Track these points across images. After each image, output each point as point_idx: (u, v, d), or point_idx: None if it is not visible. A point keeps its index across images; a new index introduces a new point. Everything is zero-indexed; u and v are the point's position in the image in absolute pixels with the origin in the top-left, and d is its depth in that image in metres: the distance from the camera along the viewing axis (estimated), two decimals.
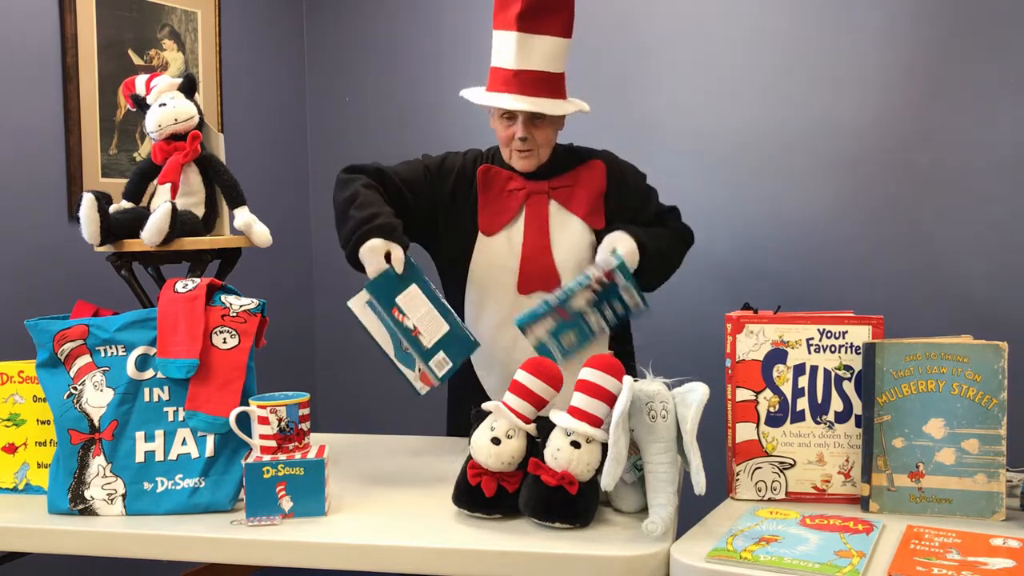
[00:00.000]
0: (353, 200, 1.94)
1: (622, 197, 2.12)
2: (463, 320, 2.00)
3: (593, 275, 1.93)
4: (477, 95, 2.07)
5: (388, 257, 1.85)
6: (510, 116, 2.03)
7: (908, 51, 2.74)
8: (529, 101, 1.99)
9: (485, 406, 1.62)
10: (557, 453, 1.53)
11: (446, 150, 2.21)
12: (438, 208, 2.13)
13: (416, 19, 3.44)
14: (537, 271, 2.04)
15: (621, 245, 1.97)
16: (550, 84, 2.03)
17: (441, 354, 1.87)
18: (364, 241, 1.85)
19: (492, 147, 2.18)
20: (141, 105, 2.07)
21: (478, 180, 2.11)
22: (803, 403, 1.69)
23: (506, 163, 2.12)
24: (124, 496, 1.66)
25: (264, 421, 1.64)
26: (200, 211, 2.07)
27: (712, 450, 1.73)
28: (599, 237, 2.07)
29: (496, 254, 2.09)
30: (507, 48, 2.01)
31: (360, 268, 1.88)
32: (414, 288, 1.86)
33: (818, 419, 1.68)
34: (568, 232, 2.08)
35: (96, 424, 1.68)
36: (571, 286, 1.94)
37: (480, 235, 2.10)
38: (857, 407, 1.67)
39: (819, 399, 1.68)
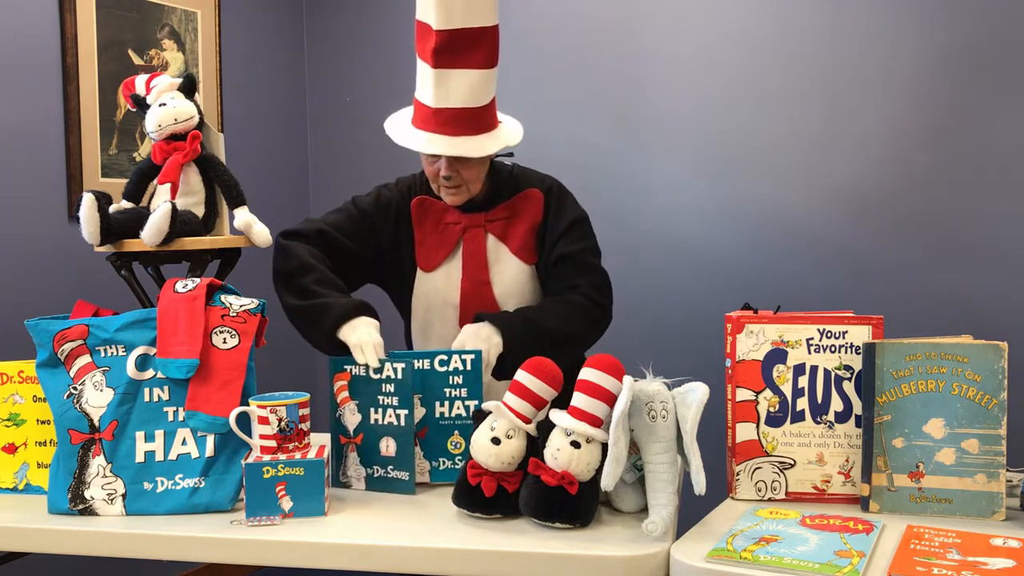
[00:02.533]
0: (307, 271, 1.90)
1: (549, 232, 2.02)
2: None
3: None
4: (399, 130, 1.96)
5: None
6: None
7: (909, 51, 2.74)
8: (447, 142, 1.86)
9: (485, 406, 1.62)
10: (557, 453, 1.53)
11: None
12: (383, 247, 2.07)
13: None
14: (477, 307, 1.98)
15: (469, 341, 1.82)
16: (473, 120, 1.87)
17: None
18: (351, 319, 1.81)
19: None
20: (141, 105, 2.07)
21: (412, 214, 2.05)
22: (803, 403, 1.69)
23: None
24: (124, 496, 1.66)
25: (264, 421, 1.64)
26: (200, 211, 2.06)
27: (712, 450, 1.73)
28: (538, 271, 2.04)
29: (436, 289, 2.05)
30: (426, 83, 1.86)
31: (332, 350, 1.82)
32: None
33: (818, 419, 1.68)
34: (506, 266, 2.04)
35: (96, 424, 1.68)
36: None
37: (419, 271, 2.06)
38: (857, 407, 1.67)
39: (819, 399, 1.68)
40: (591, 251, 2.04)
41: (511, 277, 2.03)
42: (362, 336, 1.77)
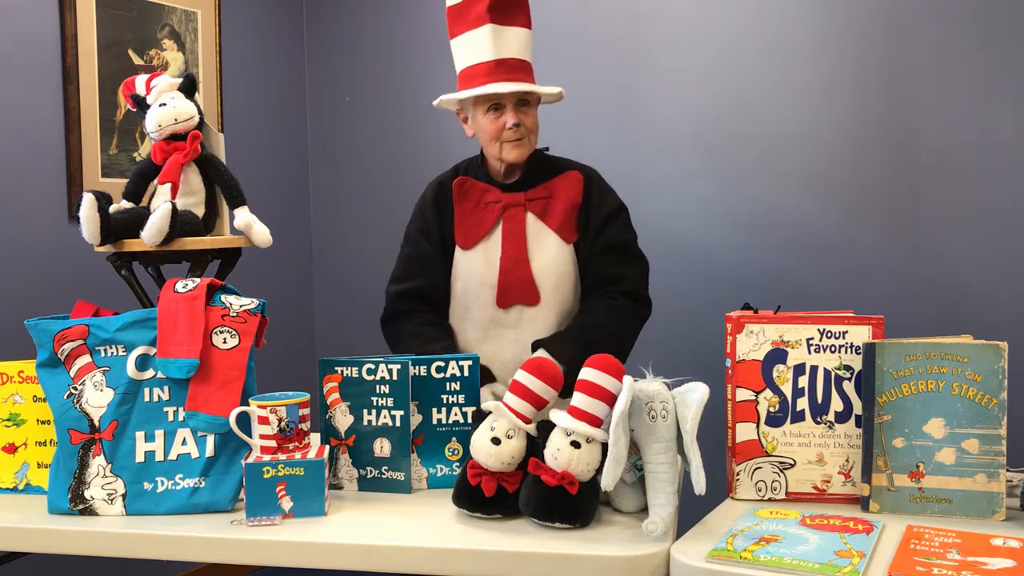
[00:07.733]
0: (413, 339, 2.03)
1: (593, 214, 2.09)
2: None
3: None
4: (461, 93, 2.05)
5: None
6: (497, 107, 2.03)
7: (908, 50, 2.74)
8: (518, 84, 2.01)
9: (485, 406, 1.62)
10: (557, 453, 1.53)
11: (444, 149, 2.20)
12: (445, 241, 2.14)
13: (416, 19, 3.44)
14: (515, 284, 2.03)
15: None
16: (528, 71, 2.06)
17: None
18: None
19: (465, 162, 2.17)
20: (141, 105, 2.07)
21: (453, 193, 2.11)
22: (803, 403, 1.69)
23: (483, 174, 2.12)
24: (124, 496, 1.66)
25: (264, 421, 1.64)
26: (200, 211, 2.07)
27: (712, 450, 1.73)
28: (576, 251, 2.07)
29: (474, 268, 2.08)
30: (481, 43, 2.02)
31: None
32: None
33: (818, 419, 1.68)
34: (545, 244, 2.07)
35: (96, 424, 1.68)
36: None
37: (458, 249, 2.10)
38: (857, 407, 1.67)
39: (819, 399, 1.68)
40: (635, 241, 2.15)
41: (550, 256, 2.06)
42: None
